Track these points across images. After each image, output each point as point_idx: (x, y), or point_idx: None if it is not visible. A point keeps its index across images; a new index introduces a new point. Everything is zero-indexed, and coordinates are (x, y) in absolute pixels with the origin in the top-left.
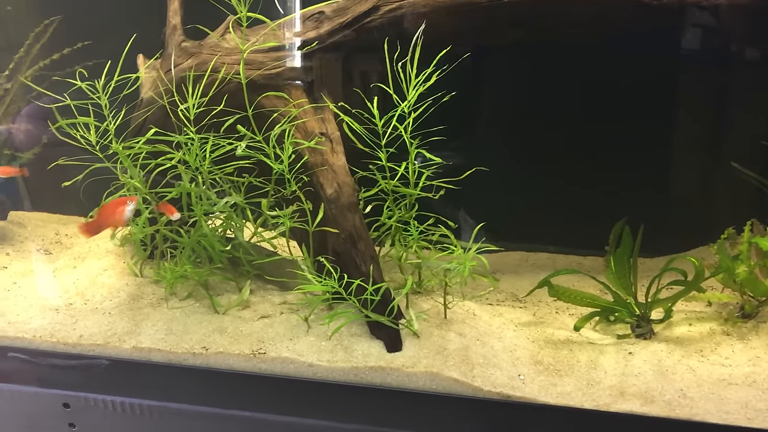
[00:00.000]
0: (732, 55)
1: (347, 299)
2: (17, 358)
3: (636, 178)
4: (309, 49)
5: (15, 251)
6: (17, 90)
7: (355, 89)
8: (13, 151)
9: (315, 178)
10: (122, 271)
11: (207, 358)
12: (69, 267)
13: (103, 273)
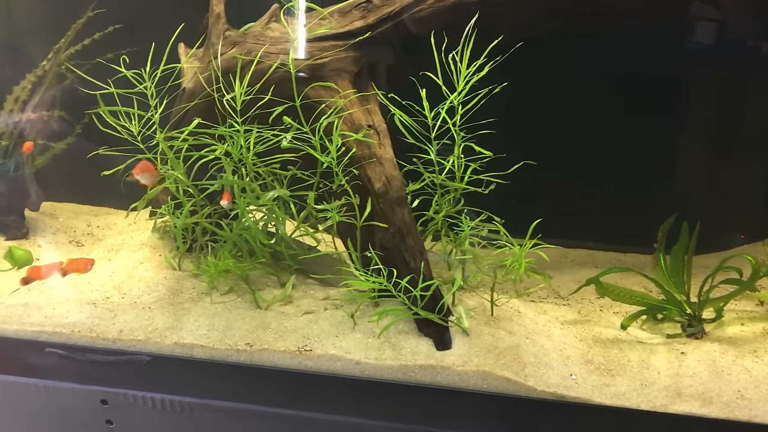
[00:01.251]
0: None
1: (394, 296)
2: (55, 354)
3: (678, 174)
4: (356, 39)
5: (47, 243)
6: (52, 78)
7: (403, 81)
8: (46, 141)
9: (362, 172)
10: (159, 264)
11: (251, 355)
12: (104, 260)
13: (140, 266)
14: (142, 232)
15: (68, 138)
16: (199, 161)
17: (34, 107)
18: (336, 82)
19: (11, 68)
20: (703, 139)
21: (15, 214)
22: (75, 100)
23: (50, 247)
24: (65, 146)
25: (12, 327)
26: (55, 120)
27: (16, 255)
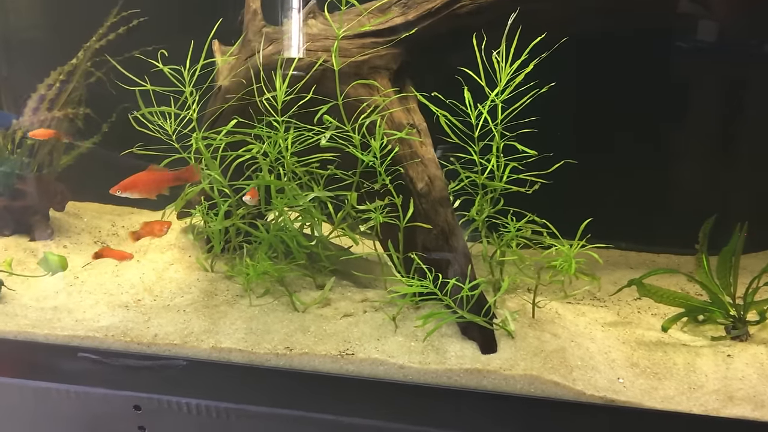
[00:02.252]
0: None
1: (435, 298)
2: (87, 359)
3: (712, 174)
4: (396, 36)
5: (72, 243)
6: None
7: (442, 79)
8: (72, 140)
9: (404, 172)
10: (190, 265)
11: (291, 359)
12: (132, 261)
13: (170, 267)
14: (169, 232)
15: (94, 137)
16: (236, 161)
17: (61, 105)
18: (376, 80)
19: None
20: (739, 138)
21: (40, 214)
22: (101, 98)
23: (75, 248)
24: (91, 145)
25: (42, 332)
26: (80, 118)
27: (51, 260)
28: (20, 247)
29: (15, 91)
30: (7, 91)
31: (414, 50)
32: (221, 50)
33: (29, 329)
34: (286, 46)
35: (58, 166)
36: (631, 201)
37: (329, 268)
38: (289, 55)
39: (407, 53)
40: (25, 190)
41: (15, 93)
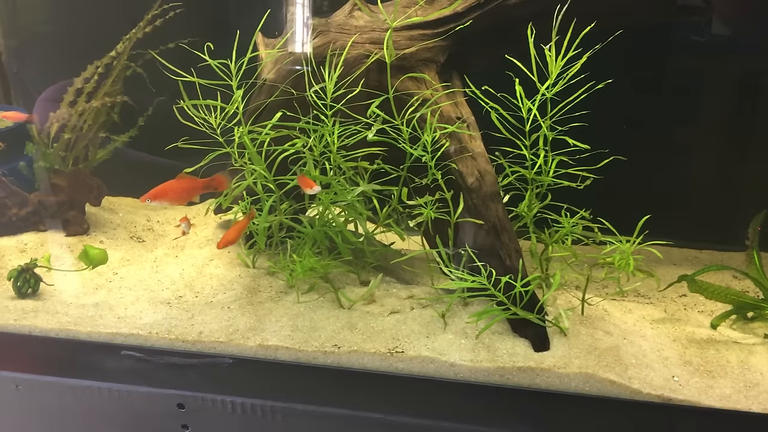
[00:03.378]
0: None
1: (484, 295)
2: (131, 357)
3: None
4: (444, 28)
5: (108, 239)
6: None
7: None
8: (108, 134)
9: (453, 166)
10: (230, 261)
11: (339, 357)
12: (170, 256)
13: (209, 263)
14: (205, 227)
15: (130, 131)
16: (280, 155)
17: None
18: (423, 73)
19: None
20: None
21: (76, 209)
22: (137, 92)
23: (112, 244)
24: (127, 139)
25: (85, 329)
26: (117, 111)
27: (92, 254)
28: (56, 242)
29: (25, 86)
30: (18, 86)
31: (461, 42)
32: (265, 43)
33: (71, 327)
34: (333, 38)
35: (94, 160)
36: (674, 196)
37: (373, 264)
38: (336, 48)
39: (454, 46)
40: (62, 185)
41: (24, 88)
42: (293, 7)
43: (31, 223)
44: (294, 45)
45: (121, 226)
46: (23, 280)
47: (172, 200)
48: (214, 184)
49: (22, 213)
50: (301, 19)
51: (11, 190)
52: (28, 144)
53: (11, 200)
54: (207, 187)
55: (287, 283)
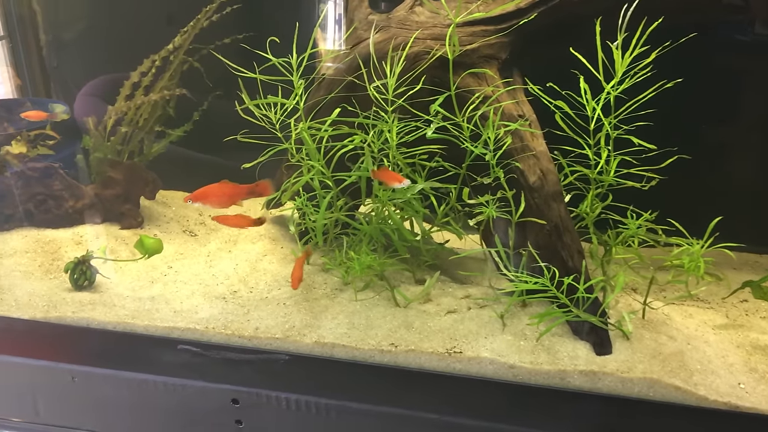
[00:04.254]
0: None
1: (544, 296)
2: (187, 351)
3: None
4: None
5: (162, 232)
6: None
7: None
8: (163, 128)
9: (515, 165)
10: (283, 256)
11: (396, 356)
12: (223, 251)
13: (263, 258)
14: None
15: (185, 125)
16: (338, 152)
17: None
18: (485, 69)
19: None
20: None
21: (131, 202)
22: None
23: (165, 238)
24: (182, 133)
25: (142, 322)
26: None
27: (147, 244)
28: (111, 235)
29: (65, 81)
30: (58, 81)
31: (523, 39)
32: (324, 38)
33: (129, 320)
34: (394, 34)
35: (149, 154)
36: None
37: (429, 262)
38: (397, 44)
39: (516, 42)
40: (117, 178)
41: (64, 82)
42: (353, 2)
43: (87, 216)
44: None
45: (174, 220)
46: (80, 272)
47: (214, 204)
48: (258, 190)
49: (78, 205)
50: (362, 15)
51: (68, 182)
52: (85, 137)
53: (67, 192)
54: (250, 193)
55: (342, 280)
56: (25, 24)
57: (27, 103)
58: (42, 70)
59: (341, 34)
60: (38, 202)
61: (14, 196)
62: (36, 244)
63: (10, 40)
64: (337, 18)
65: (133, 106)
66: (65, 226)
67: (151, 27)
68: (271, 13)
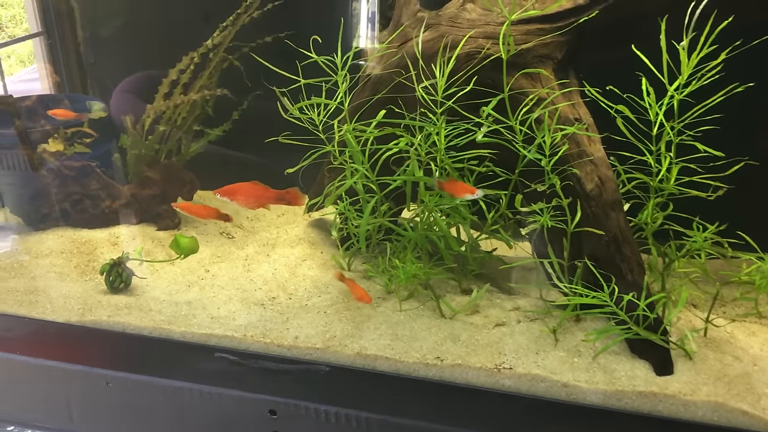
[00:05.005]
0: None
1: (601, 311)
2: (224, 359)
3: None
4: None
5: (199, 234)
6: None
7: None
8: (202, 127)
9: (571, 171)
10: (324, 262)
11: (441, 370)
12: (261, 255)
13: (302, 263)
14: (295, 225)
15: (224, 125)
16: (383, 155)
17: (196, 90)
18: (539, 70)
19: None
20: None
21: (168, 203)
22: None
23: (202, 239)
24: (221, 133)
25: (179, 328)
26: (211, 105)
27: (182, 243)
28: (147, 236)
29: (101, 77)
30: (94, 77)
31: (580, 38)
32: (369, 38)
33: (165, 326)
34: (444, 32)
35: (187, 153)
36: None
37: (475, 271)
38: (447, 43)
39: (573, 41)
40: (155, 178)
41: (101, 79)
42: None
43: (123, 216)
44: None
45: (211, 222)
46: (115, 274)
47: (241, 203)
48: (287, 197)
49: (115, 205)
50: (410, 12)
51: (105, 181)
52: (123, 135)
53: (104, 192)
54: (279, 199)
55: (385, 288)
56: (62, 20)
57: (65, 100)
58: (79, 67)
59: (374, 32)
60: (74, 201)
61: (50, 195)
62: (72, 244)
63: (48, 36)
64: (369, 16)
65: (172, 105)
66: (101, 226)
67: (188, 24)
68: (305, 12)
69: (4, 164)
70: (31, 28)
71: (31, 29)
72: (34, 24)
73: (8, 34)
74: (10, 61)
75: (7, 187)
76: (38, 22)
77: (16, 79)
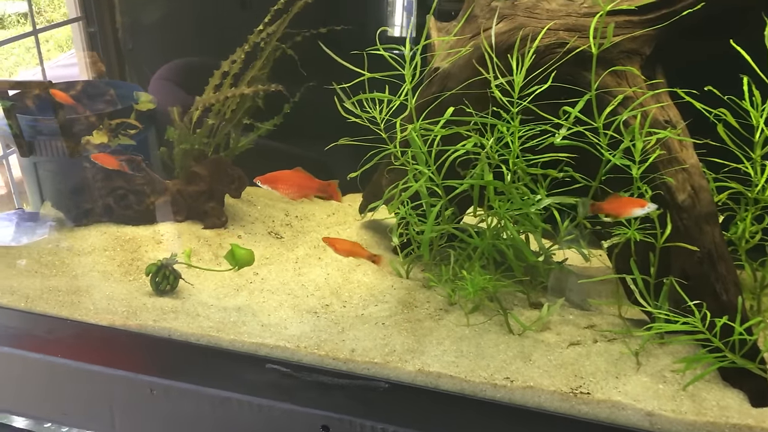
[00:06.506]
0: None
1: (691, 336)
2: (276, 371)
3: None
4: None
5: (246, 233)
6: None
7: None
8: (253, 121)
9: (661, 180)
10: (379, 268)
11: (511, 392)
12: (312, 257)
13: (356, 269)
14: (347, 226)
15: (275, 118)
16: (450, 156)
17: (248, 82)
18: (626, 66)
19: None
20: None
21: (215, 200)
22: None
23: (250, 239)
24: (272, 127)
25: (228, 336)
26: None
27: (239, 255)
28: (193, 234)
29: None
30: (132, 64)
31: (672, 31)
32: (438, 28)
33: (213, 333)
34: (520, 23)
35: (236, 148)
36: None
37: (545, 283)
38: (524, 35)
39: (663, 35)
40: (202, 174)
41: (139, 65)
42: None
43: (168, 213)
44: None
45: (259, 220)
46: (162, 276)
47: (282, 191)
48: (329, 190)
49: (160, 201)
50: (483, 1)
51: (150, 177)
52: (169, 128)
53: (149, 187)
54: (320, 191)
55: (448, 299)
56: (102, 5)
57: (110, 89)
58: (117, 53)
59: (408, 21)
60: (119, 196)
61: (93, 190)
62: (115, 241)
63: (89, 23)
64: (405, 4)
65: (222, 97)
66: (146, 223)
67: (225, 11)
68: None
69: (45, 155)
70: (70, 13)
71: (69, 14)
72: (74, 9)
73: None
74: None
75: (49, 180)
76: (77, 7)
77: (54, 64)
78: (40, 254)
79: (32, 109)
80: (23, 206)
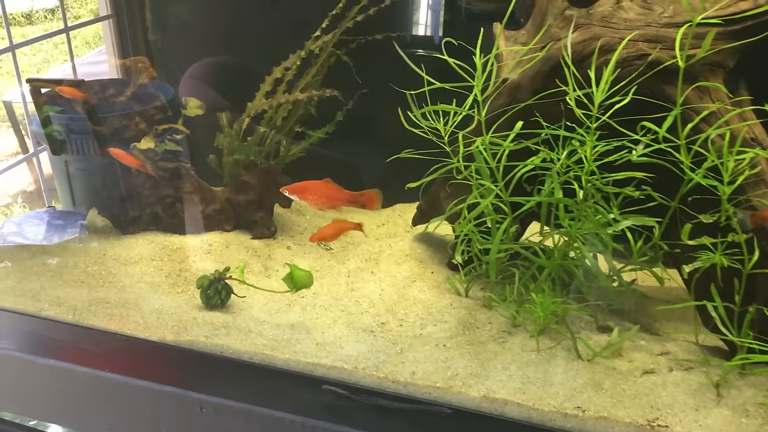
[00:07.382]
0: None
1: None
2: (333, 393)
3: None
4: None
5: (295, 244)
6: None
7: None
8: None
9: (747, 201)
10: (436, 285)
11: (583, 422)
12: (365, 271)
13: (412, 284)
14: (399, 239)
15: (327, 126)
16: (518, 172)
17: (302, 88)
18: (709, 80)
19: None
20: None
21: (264, 210)
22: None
23: (299, 251)
24: (324, 135)
25: (282, 355)
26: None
27: (297, 277)
28: (242, 245)
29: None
30: (161, 62)
31: (759, 43)
32: (506, 36)
33: (267, 351)
34: (596, 33)
35: (286, 156)
36: None
37: (614, 306)
38: (602, 46)
39: (748, 47)
40: (251, 183)
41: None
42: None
43: (216, 222)
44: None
45: (308, 231)
46: (215, 290)
47: (310, 202)
48: (362, 200)
49: (209, 210)
50: (556, 9)
51: (199, 184)
52: (219, 135)
53: (198, 196)
54: (352, 202)
55: (512, 321)
56: (131, 2)
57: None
58: (146, 51)
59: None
60: (167, 205)
61: (141, 197)
62: (163, 251)
63: (118, 20)
64: (430, 3)
65: (275, 104)
66: (194, 232)
67: (254, 9)
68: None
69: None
70: (100, 11)
71: (99, 11)
72: (104, 6)
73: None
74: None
75: (94, 186)
76: (107, 4)
77: (83, 61)
78: (86, 263)
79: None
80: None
